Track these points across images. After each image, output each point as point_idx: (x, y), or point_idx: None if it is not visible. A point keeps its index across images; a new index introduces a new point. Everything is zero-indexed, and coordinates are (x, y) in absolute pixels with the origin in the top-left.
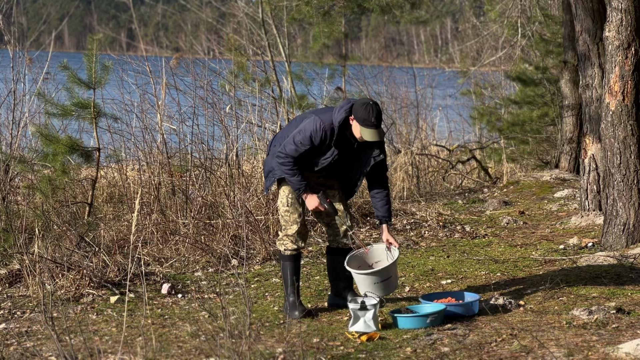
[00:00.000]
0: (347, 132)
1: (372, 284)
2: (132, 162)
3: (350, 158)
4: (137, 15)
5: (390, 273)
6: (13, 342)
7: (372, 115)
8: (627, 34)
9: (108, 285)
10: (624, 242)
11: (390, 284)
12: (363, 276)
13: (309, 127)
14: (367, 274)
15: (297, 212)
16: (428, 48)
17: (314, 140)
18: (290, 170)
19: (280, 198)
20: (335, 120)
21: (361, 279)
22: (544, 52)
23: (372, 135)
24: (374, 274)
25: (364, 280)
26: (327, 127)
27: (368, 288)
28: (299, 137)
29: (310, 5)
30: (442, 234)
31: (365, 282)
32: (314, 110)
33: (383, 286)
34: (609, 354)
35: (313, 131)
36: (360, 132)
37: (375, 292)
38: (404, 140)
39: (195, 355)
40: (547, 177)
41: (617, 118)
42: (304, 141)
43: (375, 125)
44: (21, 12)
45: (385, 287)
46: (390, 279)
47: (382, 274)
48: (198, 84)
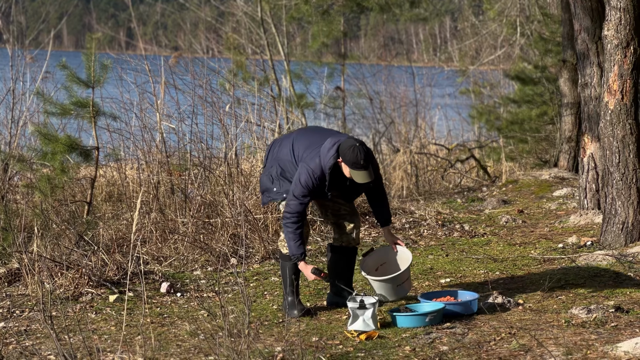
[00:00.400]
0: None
1: (391, 289)
2: (131, 161)
3: (346, 192)
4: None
5: (406, 276)
6: (12, 340)
7: (361, 157)
8: (626, 32)
9: (107, 284)
10: (623, 241)
11: (404, 288)
12: (381, 282)
13: (303, 179)
14: (386, 280)
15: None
16: (427, 47)
17: (311, 188)
18: (293, 232)
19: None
20: (325, 167)
21: (379, 285)
22: (542, 51)
23: (363, 176)
24: (392, 280)
25: (383, 286)
26: (319, 175)
27: (385, 292)
28: (298, 191)
29: (309, 4)
30: (441, 233)
31: (384, 287)
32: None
33: (400, 290)
34: (607, 352)
35: (307, 182)
36: (350, 174)
37: (390, 297)
38: (403, 139)
39: (194, 354)
40: (546, 176)
41: (616, 117)
42: (303, 193)
43: (365, 167)
44: (20, 11)
45: (401, 291)
46: (406, 282)
47: (400, 278)
48: (197, 83)
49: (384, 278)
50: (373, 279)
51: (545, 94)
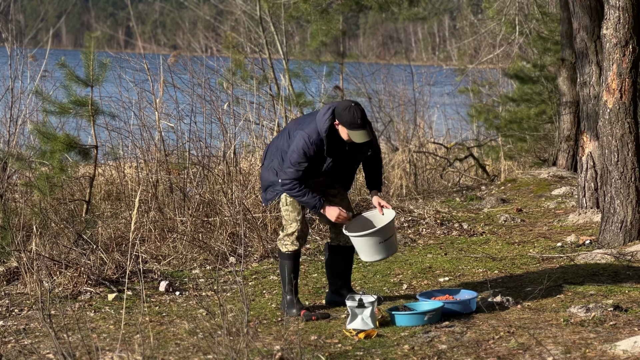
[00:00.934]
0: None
1: (376, 245)
2: (129, 159)
3: (344, 159)
4: (134, 13)
5: (391, 232)
6: (11, 339)
7: (357, 116)
8: (625, 31)
9: (106, 282)
10: (622, 240)
11: (392, 244)
12: (365, 238)
13: (300, 145)
14: (370, 234)
15: (297, 209)
16: (426, 46)
17: (308, 155)
18: (299, 192)
19: (282, 196)
20: (321, 130)
21: (363, 242)
22: (541, 49)
23: (361, 136)
24: (376, 234)
25: (367, 243)
26: (316, 139)
27: (371, 251)
28: (294, 158)
29: (308, 3)
30: (440, 232)
31: (368, 244)
32: (298, 121)
33: (386, 246)
34: (606, 351)
35: (304, 147)
36: (349, 134)
37: (378, 254)
38: (402, 138)
39: (193, 353)
40: (544, 174)
41: (614, 116)
42: (300, 159)
43: (362, 126)
44: (19, 9)
45: (388, 248)
46: (392, 238)
47: (384, 233)
48: (196, 82)
49: (365, 233)
50: (355, 236)
51: (544, 92)
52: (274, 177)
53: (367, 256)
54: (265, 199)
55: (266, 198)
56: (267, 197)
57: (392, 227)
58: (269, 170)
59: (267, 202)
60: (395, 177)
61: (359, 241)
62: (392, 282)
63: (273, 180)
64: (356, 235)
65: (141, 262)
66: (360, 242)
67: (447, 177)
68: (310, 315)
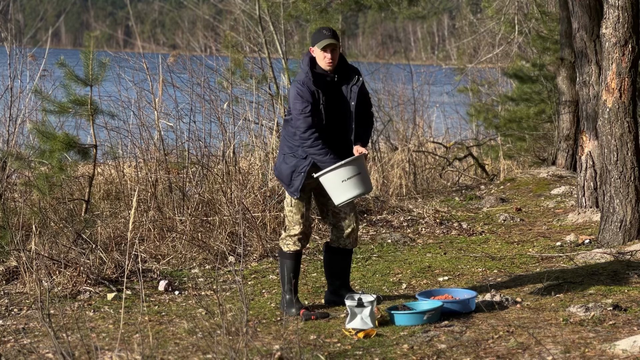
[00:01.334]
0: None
1: (341, 182)
2: (129, 159)
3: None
4: (134, 12)
5: (359, 169)
6: (10, 339)
7: (323, 29)
8: (624, 31)
9: (105, 282)
10: (621, 239)
11: (360, 181)
12: (331, 175)
13: (293, 93)
14: (334, 169)
15: (301, 212)
16: (425, 45)
17: (305, 97)
18: (317, 150)
19: (286, 197)
20: (304, 70)
21: (329, 179)
22: (541, 49)
23: (328, 41)
24: (340, 167)
25: (333, 180)
26: (305, 80)
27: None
28: (297, 107)
29: (308, 2)
30: (439, 231)
31: (334, 181)
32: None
33: (354, 183)
34: (605, 350)
35: (298, 91)
36: (319, 49)
37: (347, 192)
38: (401, 137)
39: (192, 352)
40: (544, 174)
41: (614, 115)
42: (301, 105)
43: (329, 36)
44: (18, 8)
45: (357, 185)
46: (360, 175)
47: (349, 169)
48: (195, 81)
49: (329, 169)
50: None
51: (543, 92)
52: (286, 163)
53: (337, 196)
54: (295, 189)
55: (296, 187)
56: (296, 185)
57: (357, 163)
58: (281, 161)
59: (298, 191)
60: (395, 177)
61: (326, 180)
62: (392, 282)
63: (287, 166)
64: (321, 174)
65: (140, 261)
66: (327, 181)
67: (447, 176)
68: (310, 315)
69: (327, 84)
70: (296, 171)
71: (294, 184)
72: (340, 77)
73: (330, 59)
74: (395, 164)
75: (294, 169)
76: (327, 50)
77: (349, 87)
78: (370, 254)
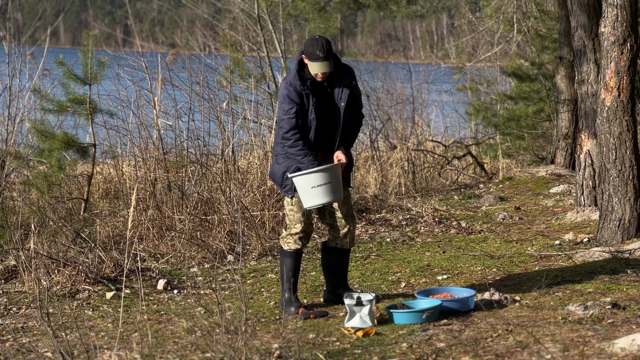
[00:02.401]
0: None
1: (311, 188)
2: (127, 158)
3: (328, 105)
4: (132, 11)
5: (330, 178)
6: (9, 338)
7: (317, 47)
8: (623, 29)
9: (104, 281)
10: (620, 238)
11: (329, 190)
12: (301, 179)
13: (281, 92)
14: (306, 174)
15: (302, 211)
16: (424, 44)
17: (291, 97)
18: (298, 151)
19: (287, 197)
20: (293, 71)
21: (300, 183)
22: (539, 47)
23: (321, 67)
24: (312, 174)
25: (303, 184)
26: (293, 81)
27: (308, 194)
28: (283, 107)
29: (306, 2)
30: (438, 230)
31: (304, 185)
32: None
33: (323, 191)
34: (604, 349)
35: (286, 91)
36: (310, 68)
37: (314, 199)
38: (400, 136)
39: (191, 351)
40: (542, 172)
41: (612, 114)
42: (287, 105)
43: (322, 58)
44: (17, 8)
45: (325, 193)
46: (330, 184)
47: (321, 176)
48: (194, 80)
49: (300, 173)
50: (293, 176)
51: (542, 90)
52: (278, 164)
53: (305, 200)
54: (289, 190)
55: (289, 188)
56: (288, 186)
57: (329, 173)
58: (274, 162)
59: (292, 191)
60: (394, 176)
61: (297, 183)
62: (390, 280)
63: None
64: (292, 176)
65: (139, 260)
66: (297, 184)
67: (445, 175)
68: (309, 314)
69: (316, 86)
70: (288, 171)
71: (286, 184)
72: (332, 79)
73: (321, 77)
74: (394, 163)
75: (285, 169)
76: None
77: (341, 89)
78: (369, 253)
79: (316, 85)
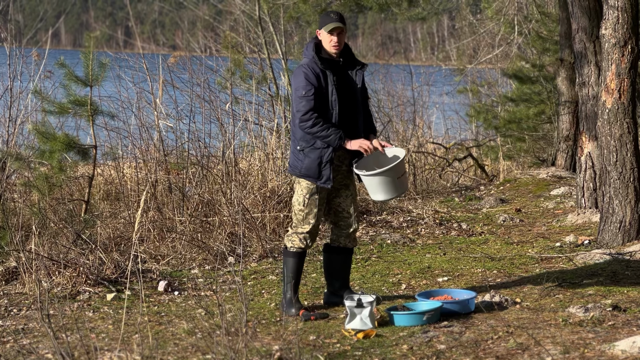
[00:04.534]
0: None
1: (391, 182)
2: (128, 159)
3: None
4: (133, 13)
5: (403, 169)
6: (9, 339)
7: (331, 12)
8: (624, 31)
9: (105, 282)
10: (620, 240)
11: (403, 182)
12: (381, 176)
13: (299, 76)
14: (386, 171)
15: (313, 212)
16: (425, 46)
17: (311, 80)
18: (320, 128)
19: (297, 196)
20: (309, 54)
21: (378, 180)
22: (540, 49)
23: (335, 25)
24: (391, 170)
25: (382, 180)
26: (310, 63)
27: (384, 188)
28: (300, 90)
29: (308, 4)
30: (439, 232)
31: (384, 181)
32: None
33: (400, 183)
34: (605, 351)
35: (304, 74)
36: (326, 31)
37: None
38: (401, 137)
39: (192, 353)
40: (543, 174)
41: (613, 116)
42: (305, 87)
43: (335, 19)
44: (18, 9)
45: (402, 185)
46: (404, 177)
47: (398, 170)
48: (195, 82)
49: (382, 170)
50: (370, 174)
51: (542, 92)
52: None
53: (381, 195)
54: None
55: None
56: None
57: (404, 165)
58: (301, 158)
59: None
60: None
61: (374, 180)
62: (391, 282)
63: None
64: (370, 174)
65: (140, 261)
66: (375, 181)
67: (446, 177)
68: (309, 315)
69: (334, 66)
70: (322, 162)
71: (324, 175)
72: (346, 61)
73: (336, 42)
74: None
75: (319, 160)
76: (334, 33)
77: (355, 72)
78: (370, 255)
79: (333, 66)
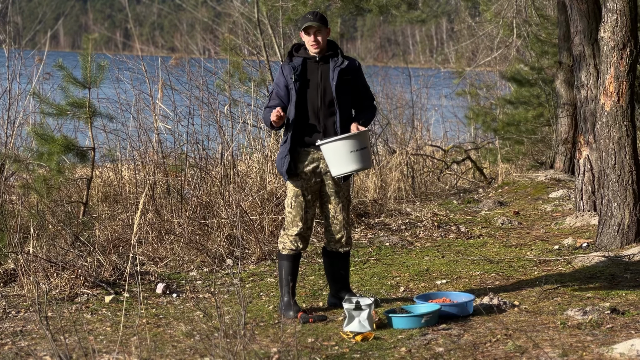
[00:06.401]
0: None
1: (348, 153)
2: (127, 161)
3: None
4: (132, 15)
5: (365, 143)
6: (7, 341)
7: (308, 13)
8: (622, 34)
9: (103, 284)
10: (619, 243)
11: (366, 155)
12: (338, 144)
13: (275, 78)
14: (341, 139)
15: (300, 214)
16: (423, 48)
17: (277, 79)
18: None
19: (287, 198)
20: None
21: (334, 150)
22: (539, 52)
23: (309, 24)
24: (348, 139)
25: (339, 151)
26: (288, 60)
27: (342, 160)
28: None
29: (307, 6)
30: (437, 234)
31: (340, 152)
32: None
33: (359, 156)
34: (603, 354)
35: (280, 69)
36: (303, 32)
37: (351, 165)
38: (399, 140)
39: (190, 355)
40: (542, 177)
41: (612, 119)
42: (272, 87)
43: (311, 19)
44: (16, 11)
45: (362, 158)
46: (366, 149)
47: (357, 142)
48: (194, 84)
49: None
50: (326, 142)
51: (541, 95)
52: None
53: (339, 167)
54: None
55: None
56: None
57: (364, 137)
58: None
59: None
60: (393, 180)
61: (330, 150)
62: (389, 285)
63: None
64: (325, 142)
65: (138, 264)
66: (330, 150)
67: (445, 179)
68: (307, 318)
69: (307, 64)
70: (282, 156)
71: (282, 169)
72: (326, 60)
73: (313, 41)
74: (394, 167)
75: (281, 155)
76: (310, 32)
77: (333, 69)
78: (368, 257)
79: (307, 64)
